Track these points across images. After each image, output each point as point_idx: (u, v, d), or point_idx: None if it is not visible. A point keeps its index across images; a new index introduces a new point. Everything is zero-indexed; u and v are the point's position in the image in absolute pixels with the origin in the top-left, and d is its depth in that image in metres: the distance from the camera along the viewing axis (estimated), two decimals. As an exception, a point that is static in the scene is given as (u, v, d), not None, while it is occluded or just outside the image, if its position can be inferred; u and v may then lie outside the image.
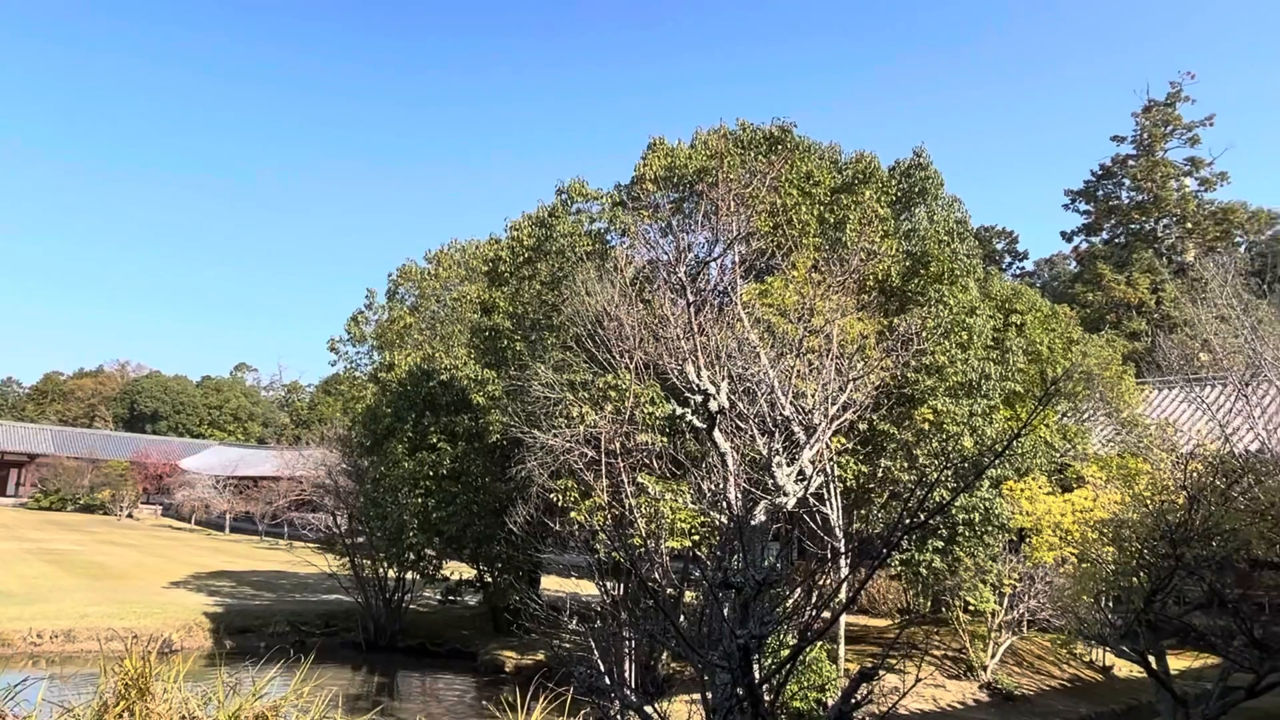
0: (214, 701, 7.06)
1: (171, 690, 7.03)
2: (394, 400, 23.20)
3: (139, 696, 6.74)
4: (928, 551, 16.46)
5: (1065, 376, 20.63)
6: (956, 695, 17.28)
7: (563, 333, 17.38)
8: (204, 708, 7.07)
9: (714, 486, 10.71)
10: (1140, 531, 11.81)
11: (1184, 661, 17.53)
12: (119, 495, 66.11)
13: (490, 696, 16.86)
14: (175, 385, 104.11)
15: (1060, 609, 16.67)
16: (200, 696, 7.21)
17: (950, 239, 17.81)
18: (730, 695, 6.19)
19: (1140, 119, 52.31)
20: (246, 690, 7.23)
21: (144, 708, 6.68)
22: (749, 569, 6.79)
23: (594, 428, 13.59)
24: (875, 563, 6.49)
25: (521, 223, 21.06)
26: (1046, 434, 19.50)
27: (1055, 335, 20.98)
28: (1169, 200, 51.29)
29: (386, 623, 24.13)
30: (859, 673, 5.84)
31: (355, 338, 33.21)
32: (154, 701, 6.81)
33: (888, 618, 24.60)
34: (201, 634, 22.21)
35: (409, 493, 21.20)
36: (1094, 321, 45.51)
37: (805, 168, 17.60)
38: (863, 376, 12.40)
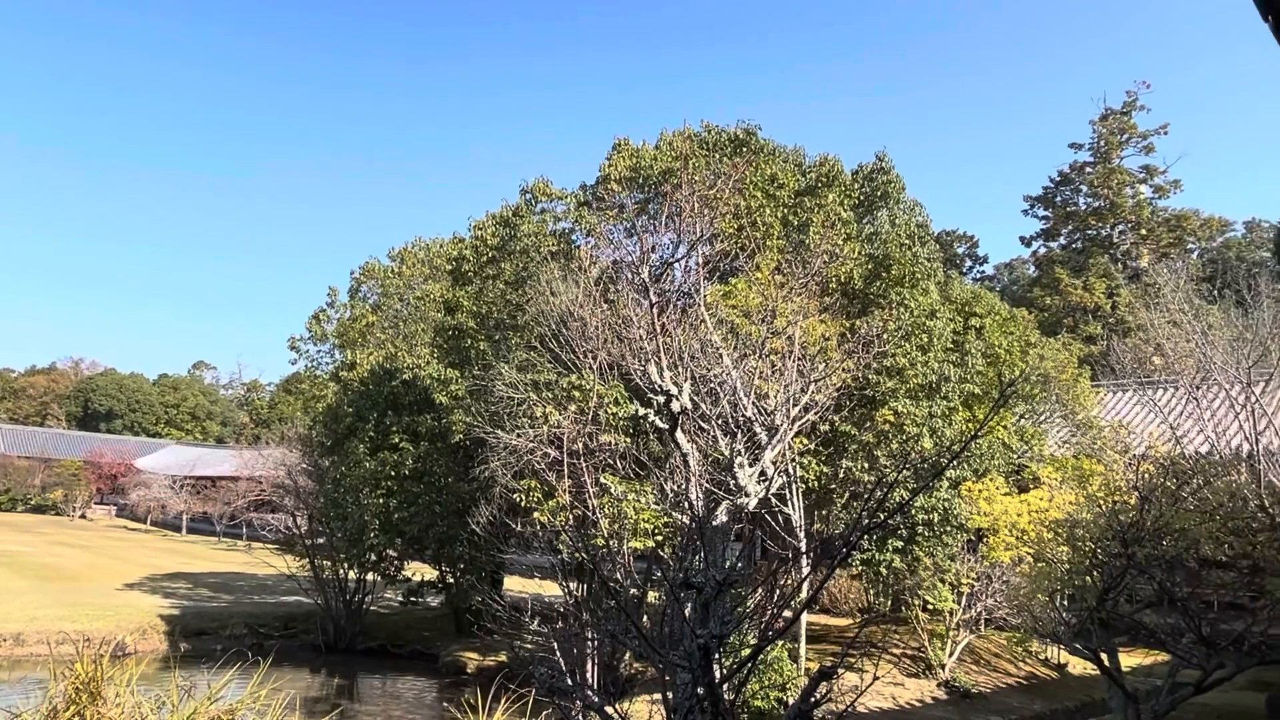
0: (168, 705, 6.95)
1: (124, 694, 6.91)
2: (356, 399, 22.96)
3: (90, 701, 6.62)
4: (888, 551, 16.65)
5: (1022, 379, 20.97)
6: (915, 693, 17.50)
7: (527, 332, 17.33)
8: (157, 712, 6.96)
9: (677, 487, 10.76)
10: (1093, 531, 12.04)
11: (1135, 658, 17.93)
12: (72, 495, 64.69)
13: (452, 698, 16.77)
14: (131, 383, 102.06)
15: (1016, 608, 16.93)
16: (154, 700, 7.10)
17: (912, 242, 18.03)
18: (691, 695, 6.22)
19: (1097, 127, 53.36)
20: (202, 694, 7.13)
21: (95, 712, 6.56)
22: (710, 569, 6.83)
23: (558, 428, 13.57)
24: (835, 562, 6.57)
25: (486, 222, 20.97)
26: (1004, 435, 19.80)
27: (1013, 338, 21.31)
28: (1124, 207, 52.40)
29: (347, 624, 23.89)
30: (818, 671, 5.90)
31: (316, 336, 32.83)
32: (105, 706, 6.69)
33: (849, 617, 24.83)
34: (156, 637, 21.82)
35: (370, 493, 21.00)
36: (1051, 325, 46.32)
37: (769, 170, 17.72)
38: (825, 378, 12.52)
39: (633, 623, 6.64)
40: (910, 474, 16.30)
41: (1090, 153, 53.87)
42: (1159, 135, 52.50)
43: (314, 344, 33.22)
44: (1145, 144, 52.73)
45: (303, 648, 23.26)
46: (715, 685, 6.00)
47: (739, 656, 6.84)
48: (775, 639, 7.54)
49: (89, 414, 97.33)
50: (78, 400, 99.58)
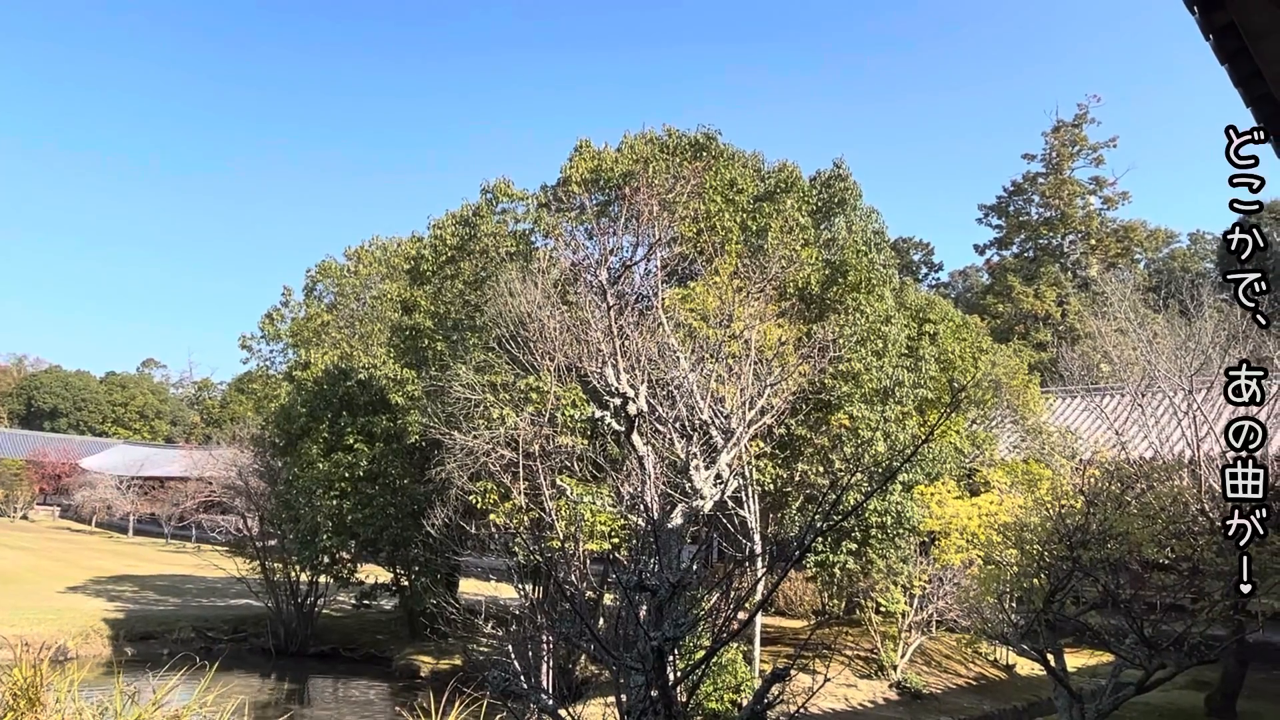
0: (110, 711, 6.81)
1: (65, 700, 6.77)
2: (309, 399, 22.65)
3: (28, 707, 6.47)
4: (841, 553, 16.83)
5: (973, 384, 21.34)
6: (867, 694, 17.70)
7: (485, 333, 17.24)
8: (100, 717, 6.82)
9: (633, 489, 10.78)
10: (1041, 534, 12.28)
11: (1080, 659, 18.32)
12: (13, 495, 62.88)
13: (405, 702, 16.60)
14: (77, 381, 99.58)
15: (967, 609, 17.23)
16: (96, 706, 6.95)
17: (868, 249, 18.26)
18: (645, 697, 6.24)
19: (1050, 138, 54.52)
20: (147, 699, 6.99)
21: (34, 718, 6.41)
22: (665, 571, 6.85)
23: (515, 430, 13.52)
24: (790, 564, 6.63)
25: (445, 221, 20.83)
26: (956, 440, 20.13)
27: (966, 345, 21.68)
28: (1075, 217, 53.61)
29: (298, 628, 23.55)
30: (771, 673, 5.95)
31: (270, 335, 32.28)
32: (45, 712, 6.54)
33: (803, 619, 25.04)
34: (100, 641, 21.31)
35: (324, 494, 20.73)
36: (1003, 332, 47.20)
37: (729, 175, 17.83)
38: (781, 382, 12.62)
39: (587, 626, 6.65)
40: (864, 477, 16.50)
41: (1042, 164, 55.03)
42: (1108, 148, 53.83)
43: (267, 343, 32.66)
44: (1095, 156, 54.03)
45: (253, 651, 22.89)
46: (669, 687, 6.03)
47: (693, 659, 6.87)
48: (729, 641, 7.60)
49: (32, 412, 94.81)
50: (20, 398, 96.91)
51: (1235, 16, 5.16)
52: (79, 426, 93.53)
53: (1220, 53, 5.51)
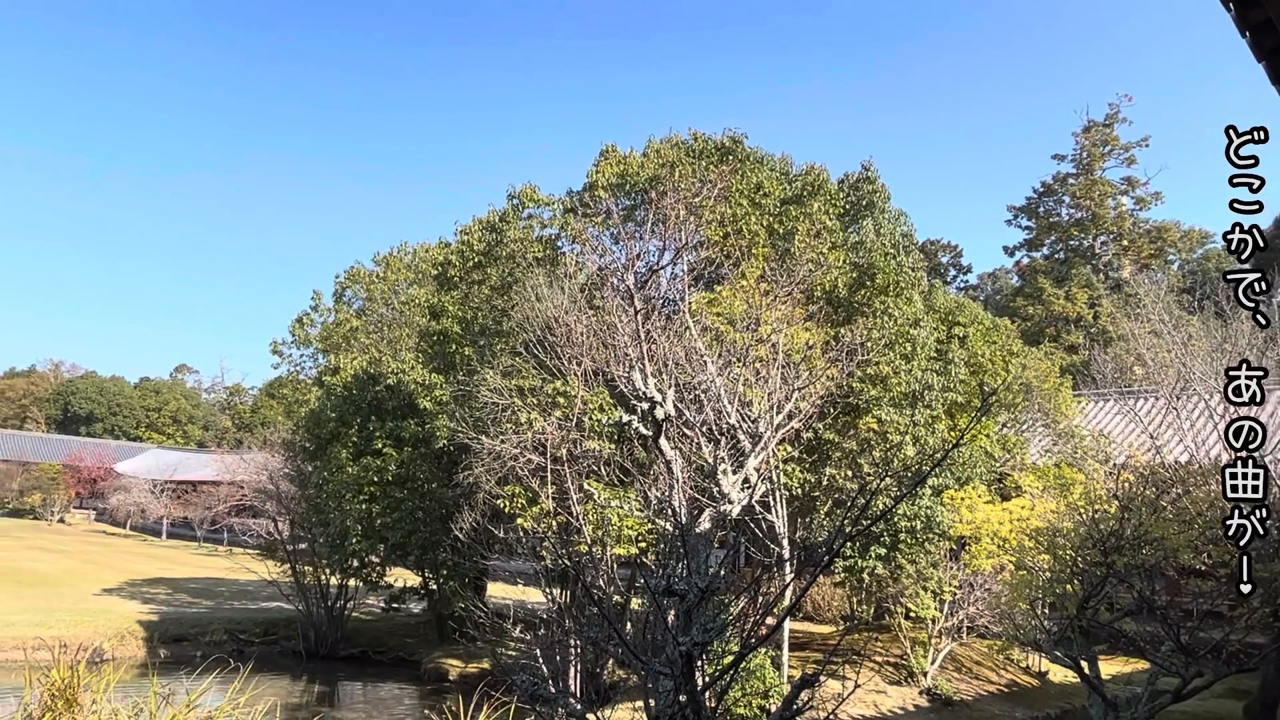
0: (146, 712, 6.90)
1: (101, 701, 6.86)
2: (339, 404, 22.84)
3: (66, 708, 6.56)
4: (870, 558, 16.71)
5: (1004, 388, 21.11)
6: (897, 701, 17.54)
7: (512, 338, 17.30)
8: (135, 718, 6.90)
9: (660, 494, 10.76)
10: (1074, 540, 12.12)
11: (1115, 666, 18.05)
12: (50, 499, 63.99)
13: (434, 705, 16.67)
14: (112, 386, 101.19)
15: (998, 615, 17.03)
16: (131, 707, 7.04)
17: (896, 252, 18.13)
18: (673, 702, 6.23)
19: (1080, 139, 53.89)
20: (180, 701, 7.07)
21: (71, 719, 6.50)
22: (693, 576, 6.83)
23: (542, 434, 13.56)
24: (818, 569, 6.58)
25: (472, 227, 20.94)
26: (986, 444, 19.92)
27: (996, 348, 21.46)
28: (1106, 218, 52.92)
29: (328, 631, 23.74)
30: (800, 679, 5.92)
31: (300, 340, 32.63)
32: (82, 713, 6.63)
33: (831, 624, 24.88)
34: (135, 643, 21.61)
35: (353, 498, 20.89)
36: (1034, 334, 46.66)
37: (755, 179, 17.78)
38: (808, 385, 12.56)
39: (615, 630, 6.64)
40: (893, 482, 16.37)
41: (1073, 164, 54.41)
42: (1140, 147, 53.12)
43: (297, 348, 33.00)
44: (1127, 156, 53.33)
45: (283, 654, 23.10)
46: (698, 693, 6.01)
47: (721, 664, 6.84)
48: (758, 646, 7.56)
49: (69, 417, 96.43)
50: (57, 403, 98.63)
51: (1271, 13, 5.08)
52: (114, 431, 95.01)
53: (1256, 50, 5.44)
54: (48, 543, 45.74)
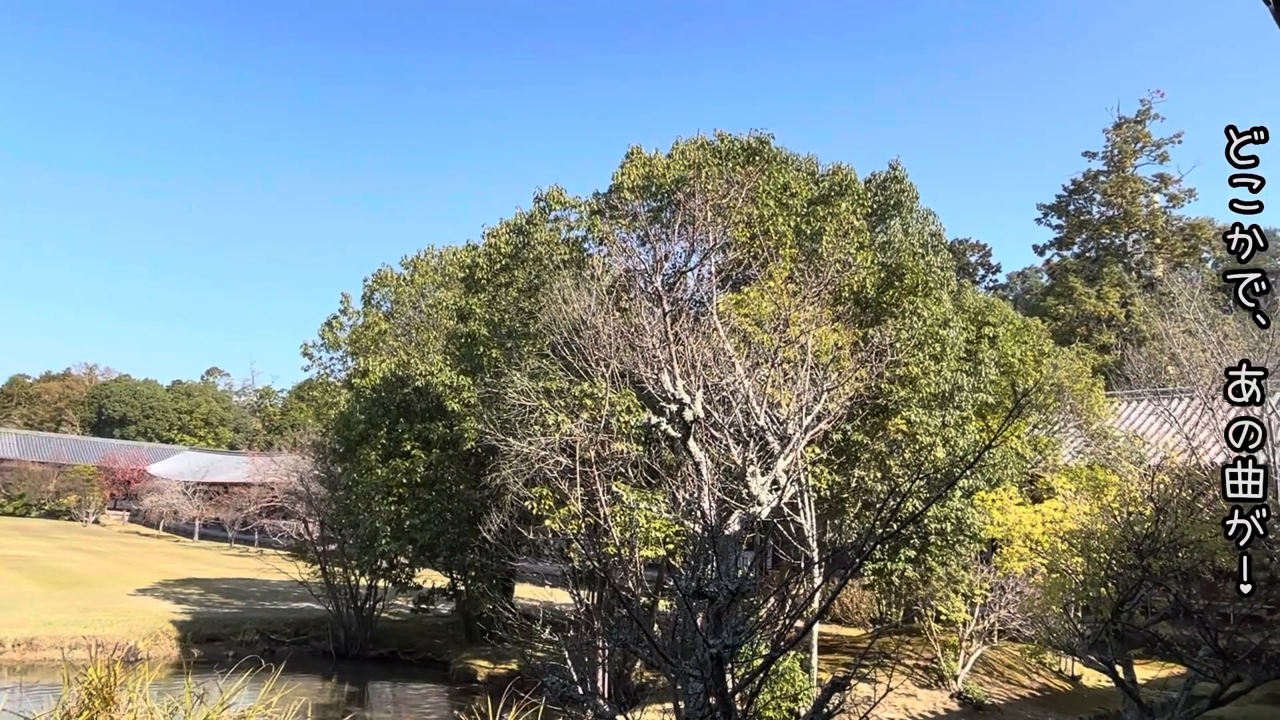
0: (180, 711, 6.97)
1: (136, 700, 6.93)
2: (368, 406, 23.02)
3: (103, 706, 6.64)
4: (900, 561, 16.57)
5: (1035, 389, 20.87)
6: (928, 704, 17.39)
7: (539, 340, 17.35)
8: (170, 718, 6.97)
9: (688, 495, 10.74)
10: (1108, 542, 11.96)
11: (1150, 671, 17.77)
12: (85, 501, 65.02)
13: (462, 706, 16.75)
14: (145, 389, 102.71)
15: (1030, 619, 16.83)
16: (166, 706, 7.11)
17: (925, 251, 17.99)
18: (703, 705, 6.21)
19: (1111, 135, 53.16)
20: (214, 700, 7.14)
21: (108, 718, 6.58)
22: (722, 578, 6.81)
23: (569, 436, 13.57)
24: (848, 572, 6.53)
25: (499, 230, 21.03)
26: (1018, 445, 19.70)
27: (1027, 348, 21.23)
28: (1138, 216, 52.16)
29: (358, 631, 23.91)
30: (831, 682, 5.88)
31: (329, 343, 32.93)
32: (118, 711, 6.71)
33: (861, 627, 24.71)
34: (168, 642, 21.89)
35: (382, 500, 21.04)
36: (1065, 334, 46.09)
37: (782, 179, 17.72)
38: (837, 387, 12.48)
39: (645, 632, 6.63)
40: (923, 483, 16.23)
41: (1104, 161, 53.68)
42: (1173, 144, 52.26)
43: (327, 351, 33.31)
44: (1159, 152, 52.51)
45: (314, 654, 23.30)
46: (728, 695, 5.98)
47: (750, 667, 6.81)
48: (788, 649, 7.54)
49: (103, 420, 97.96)
50: (92, 406, 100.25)
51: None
52: (147, 434, 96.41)
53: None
54: (83, 544, 46.49)
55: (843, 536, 17.20)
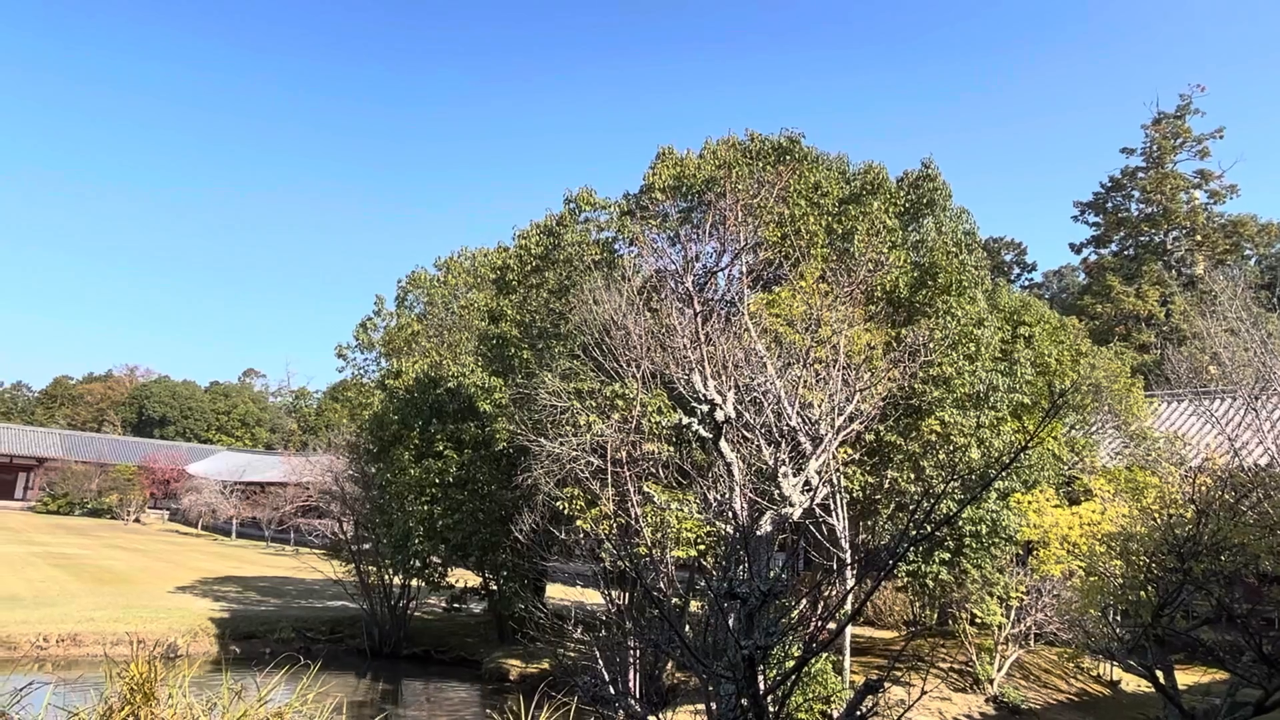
0: (219, 707, 7.07)
1: (176, 695, 7.04)
2: (401, 407, 23.22)
3: (144, 701, 6.75)
4: (934, 563, 16.41)
5: (1073, 389, 20.56)
6: (962, 708, 17.19)
7: (570, 341, 17.39)
8: (209, 713, 7.07)
9: (720, 496, 10.71)
10: (1148, 545, 11.76)
11: (1192, 676, 17.42)
12: (126, 500, 66.27)
13: (494, 705, 16.83)
14: (184, 390, 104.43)
15: (1068, 622, 16.59)
16: (205, 702, 7.21)
17: (958, 250, 17.79)
18: (735, 706, 6.18)
19: (1150, 131, 52.27)
20: (251, 696, 7.23)
21: (149, 713, 6.69)
22: (754, 579, 6.78)
23: (600, 436, 13.59)
24: (882, 574, 6.48)
25: (530, 231, 21.12)
26: (1054, 446, 19.43)
27: (1064, 347, 20.92)
28: (1178, 213, 51.20)
29: (391, 630, 24.12)
30: (864, 684, 5.83)
31: (363, 344, 33.27)
32: (159, 707, 6.81)
33: (894, 629, 24.50)
34: (207, 639, 22.22)
35: (415, 500, 21.21)
36: (1103, 333, 45.39)
37: (813, 178, 17.61)
38: (870, 387, 12.38)
39: (677, 633, 6.62)
40: (958, 485, 16.05)
41: (1142, 157, 52.80)
42: (1214, 139, 51.32)
43: (361, 352, 33.65)
44: (1200, 148, 51.55)
45: (348, 652, 23.54)
46: (760, 697, 5.96)
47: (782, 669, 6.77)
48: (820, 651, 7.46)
49: (143, 420, 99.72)
50: (133, 407, 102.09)
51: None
52: (185, 434, 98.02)
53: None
54: (125, 542, 47.36)
55: (876, 538, 17.07)
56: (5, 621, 20.81)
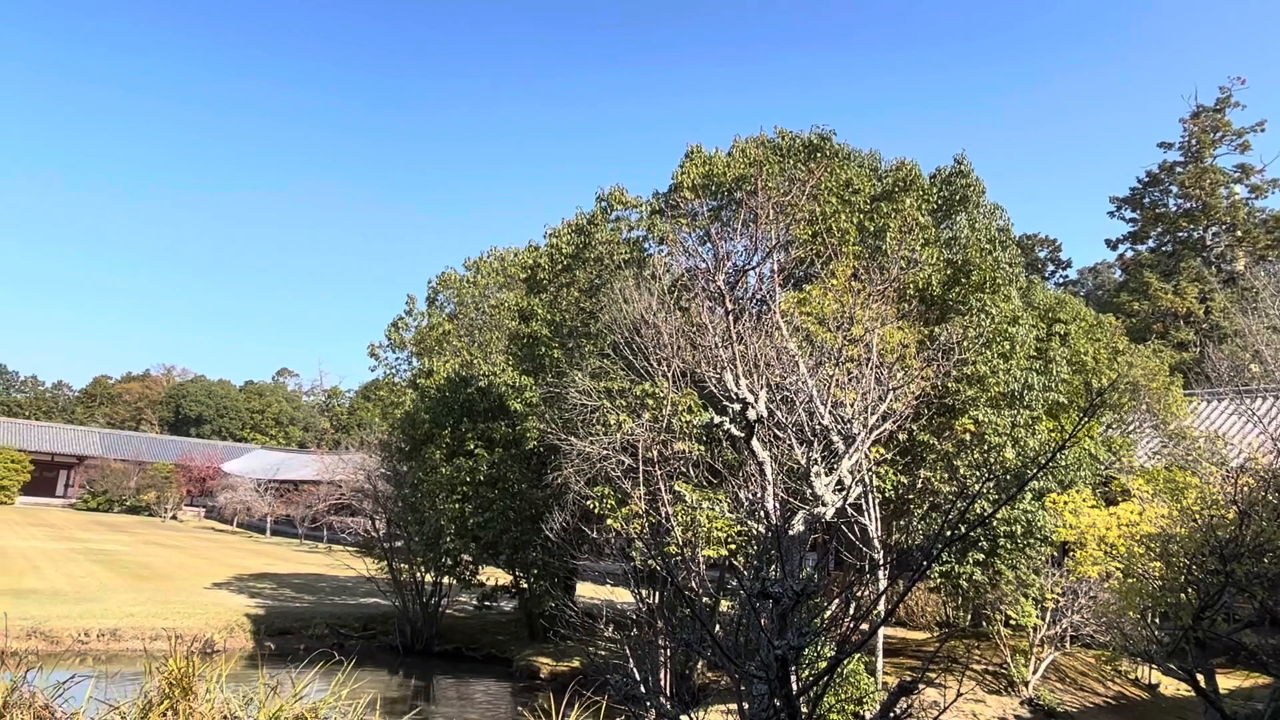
0: (255, 702, 7.16)
1: (214, 690, 7.14)
2: (432, 406, 23.37)
3: (182, 696, 6.85)
4: (968, 564, 16.23)
5: (1111, 387, 20.23)
6: (996, 710, 16.99)
7: (600, 340, 17.41)
8: (245, 708, 7.17)
9: (751, 495, 10.66)
10: (1189, 546, 11.54)
11: (1234, 680, 17.11)
12: (163, 497, 67.37)
13: (525, 702, 16.89)
14: (219, 389, 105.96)
15: (1105, 624, 16.34)
16: (241, 697, 7.31)
17: (992, 247, 17.58)
18: (768, 706, 6.14)
19: (1188, 125, 51.33)
20: (287, 692, 7.32)
21: (187, 707, 6.79)
22: (787, 579, 6.73)
23: (631, 435, 13.59)
24: (916, 575, 6.41)
25: (560, 230, 21.16)
26: (1091, 446, 19.13)
27: (1100, 345, 20.59)
28: (1218, 208, 50.23)
29: (423, 627, 24.29)
30: (898, 686, 5.76)
31: (395, 344, 33.54)
32: (196, 701, 6.92)
33: (926, 630, 24.28)
34: (243, 635, 22.51)
35: (446, 498, 21.33)
36: (1140, 331, 44.64)
37: (845, 175, 17.48)
38: (902, 386, 12.27)
39: (709, 633, 6.59)
40: (992, 485, 15.86)
41: (1180, 152, 51.85)
42: (1255, 132, 50.28)
43: (393, 351, 33.93)
44: (1240, 142, 50.53)
45: (381, 649, 23.74)
46: (794, 697, 5.91)
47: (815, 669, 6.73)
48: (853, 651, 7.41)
49: (180, 419, 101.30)
50: (169, 406, 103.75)
51: None
52: (221, 433, 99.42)
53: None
54: (162, 539, 48.12)
55: (909, 539, 16.92)
56: (48, 616, 21.22)
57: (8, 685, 6.68)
